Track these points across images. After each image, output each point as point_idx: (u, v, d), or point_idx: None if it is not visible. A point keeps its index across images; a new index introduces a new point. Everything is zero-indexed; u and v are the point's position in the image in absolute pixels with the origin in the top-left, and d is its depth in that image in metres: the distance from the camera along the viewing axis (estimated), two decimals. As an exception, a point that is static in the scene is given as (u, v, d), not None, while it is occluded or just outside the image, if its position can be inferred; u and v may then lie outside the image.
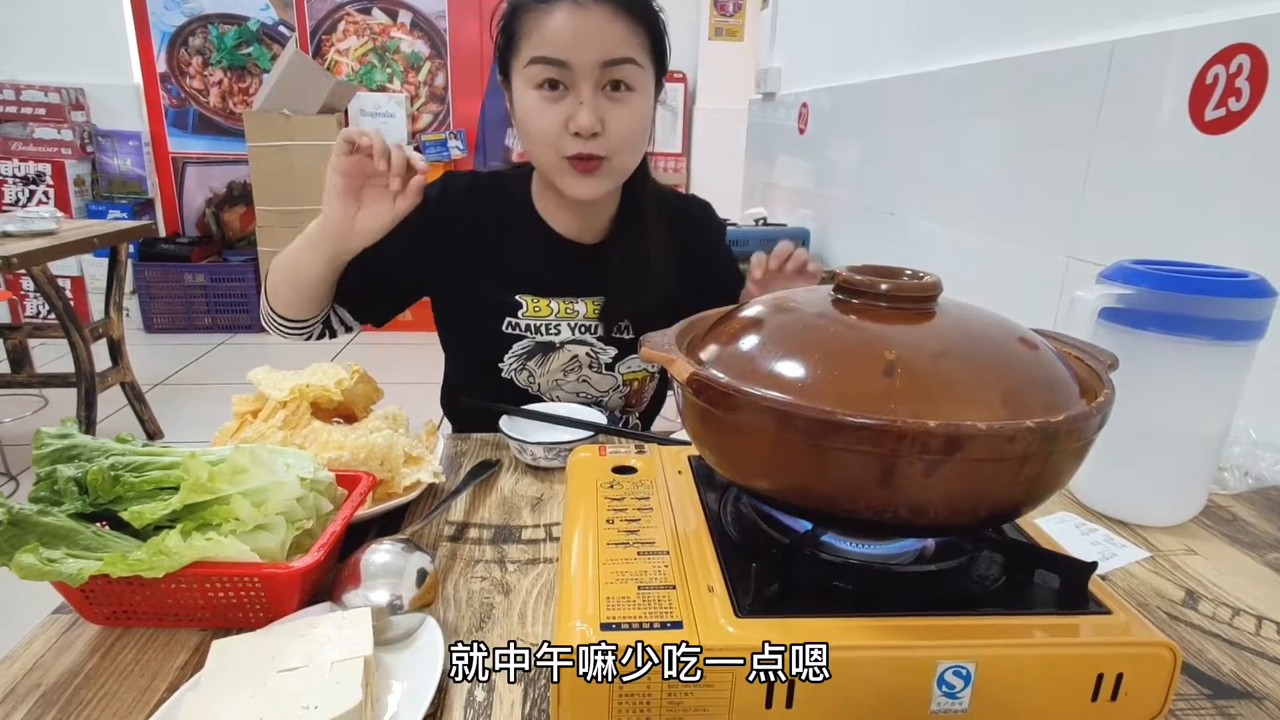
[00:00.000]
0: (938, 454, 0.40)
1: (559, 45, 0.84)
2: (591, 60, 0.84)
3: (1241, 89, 0.91)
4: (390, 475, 0.71)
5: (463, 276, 1.01)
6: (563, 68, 0.85)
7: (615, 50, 0.85)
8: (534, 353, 1.02)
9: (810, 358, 0.46)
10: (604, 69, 0.85)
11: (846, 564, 0.49)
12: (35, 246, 2.15)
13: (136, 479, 0.53)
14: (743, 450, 0.47)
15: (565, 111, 0.86)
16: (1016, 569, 0.49)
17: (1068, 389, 0.46)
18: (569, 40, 0.84)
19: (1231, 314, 0.66)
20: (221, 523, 0.52)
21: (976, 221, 1.54)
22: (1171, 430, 0.71)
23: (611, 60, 0.85)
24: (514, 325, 1.01)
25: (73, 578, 0.47)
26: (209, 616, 0.53)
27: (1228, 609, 0.62)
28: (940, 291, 0.50)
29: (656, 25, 0.89)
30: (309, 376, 0.74)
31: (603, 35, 0.84)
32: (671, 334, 0.55)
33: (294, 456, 0.58)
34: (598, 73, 0.85)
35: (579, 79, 0.85)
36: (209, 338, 4.01)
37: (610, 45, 0.85)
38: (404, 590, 0.55)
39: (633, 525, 0.53)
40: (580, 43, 0.84)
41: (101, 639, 0.54)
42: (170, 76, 4.12)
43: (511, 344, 1.01)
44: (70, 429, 0.57)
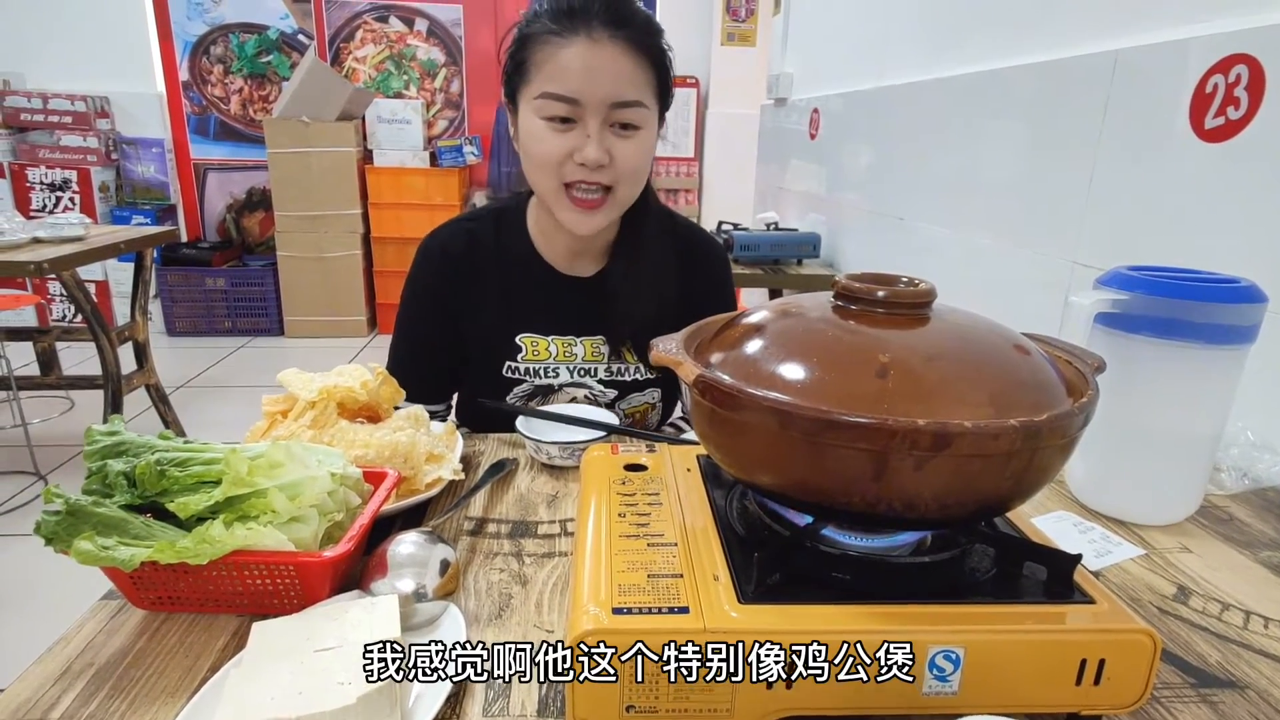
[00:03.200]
0: (927, 450, 0.43)
1: (572, 83, 0.86)
2: (602, 98, 0.87)
3: (1240, 98, 0.94)
4: (413, 472, 0.74)
5: (466, 324, 1.03)
6: (573, 104, 0.87)
7: (625, 93, 0.88)
8: (533, 395, 1.04)
9: (810, 360, 0.49)
10: (613, 110, 0.88)
11: (845, 556, 0.52)
12: (65, 252, 2.21)
13: (181, 473, 0.57)
14: (746, 447, 0.50)
15: (572, 142, 0.89)
16: (1007, 561, 0.52)
17: (1054, 390, 0.49)
18: (582, 77, 0.86)
19: (1223, 319, 0.68)
20: (259, 514, 0.55)
21: (984, 226, 1.56)
22: (1166, 432, 0.73)
23: (621, 103, 0.88)
24: (513, 369, 1.03)
25: (126, 563, 0.50)
26: (246, 603, 0.57)
27: (1217, 604, 0.64)
28: (934, 298, 0.53)
29: (664, 64, 0.92)
30: (336, 378, 0.77)
31: (615, 74, 0.87)
32: (680, 338, 0.58)
33: (325, 453, 0.62)
34: (606, 111, 0.88)
35: (588, 115, 0.88)
36: (229, 341, 4.09)
37: (621, 86, 0.87)
38: (428, 579, 0.58)
39: (643, 519, 0.56)
40: (592, 80, 0.86)
41: (148, 623, 0.58)
42: (192, 85, 4.21)
43: (512, 387, 1.03)
44: (119, 426, 0.60)
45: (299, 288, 4.05)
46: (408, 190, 4.04)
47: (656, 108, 0.93)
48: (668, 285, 1.04)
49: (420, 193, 4.05)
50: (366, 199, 4.03)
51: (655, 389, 1.10)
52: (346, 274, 4.05)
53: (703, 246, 1.11)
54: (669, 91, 0.95)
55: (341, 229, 3.97)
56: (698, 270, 1.09)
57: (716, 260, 1.13)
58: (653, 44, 0.90)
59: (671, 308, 1.01)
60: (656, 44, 0.91)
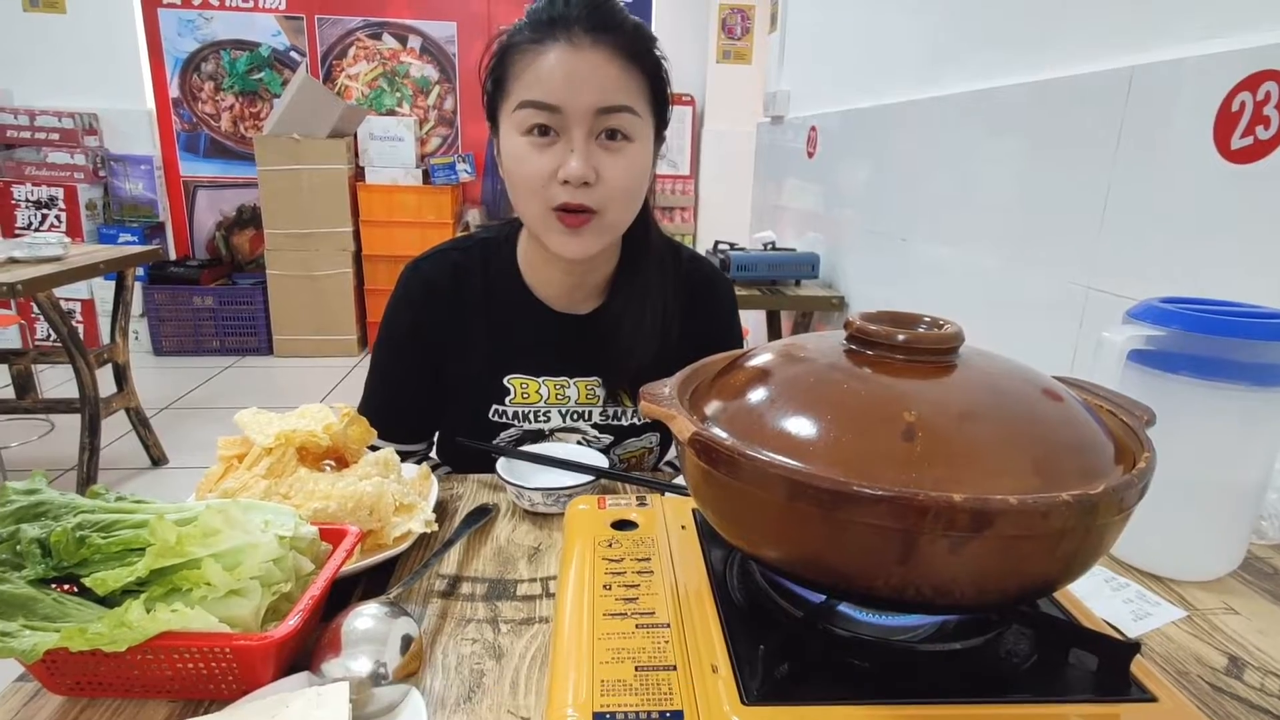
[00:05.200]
0: (964, 530, 0.36)
1: (550, 88, 0.78)
2: (585, 106, 0.78)
3: (1270, 117, 0.88)
4: (380, 525, 0.67)
5: (450, 363, 0.95)
6: (554, 113, 0.78)
7: (611, 97, 0.78)
8: (522, 440, 0.95)
9: (822, 417, 0.42)
10: (598, 116, 0.79)
11: (862, 640, 0.45)
12: (42, 272, 2.15)
13: (104, 540, 0.50)
14: (749, 517, 0.44)
15: (555, 159, 0.79)
16: (1049, 647, 0.45)
17: (1103, 451, 0.43)
18: (562, 83, 0.77)
19: (1271, 358, 0.62)
20: (191, 588, 0.48)
21: (990, 249, 1.50)
22: (1207, 479, 0.67)
23: (607, 107, 0.78)
24: (500, 413, 0.94)
25: (27, 654, 0.43)
26: (177, 688, 0.50)
27: (1275, 678, 0.57)
28: (961, 342, 0.47)
29: (658, 71, 0.83)
30: (296, 421, 0.70)
31: (599, 79, 0.78)
32: (674, 383, 0.52)
33: (273, 512, 0.55)
34: (591, 120, 0.79)
35: (571, 125, 0.79)
36: (217, 360, 4.01)
37: (606, 91, 0.78)
38: (388, 658, 0.51)
39: (631, 593, 0.49)
40: (574, 86, 0.77)
41: (66, 710, 0.51)
42: (183, 101, 4.16)
43: (499, 431, 0.95)
44: (39, 484, 0.54)
45: (289, 306, 3.98)
46: (400, 208, 3.98)
47: (651, 119, 0.83)
48: (671, 324, 0.95)
49: (413, 210, 3.99)
50: (358, 217, 3.98)
51: (653, 433, 1.02)
52: (337, 293, 3.98)
53: (709, 283, 1.02)
54: (666, 104, 0.85)
55: (332, 247, 3.91)
56: (704, 308, 1.00)
57: (724, 298, 1.03)
58: (642, 49, 0.81)
59: (674, 349, 0.93)
60: (647, 50, 0.81)
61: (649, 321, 0.93)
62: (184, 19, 4.06)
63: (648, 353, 0.92)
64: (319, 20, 4.14)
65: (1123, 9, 1.17)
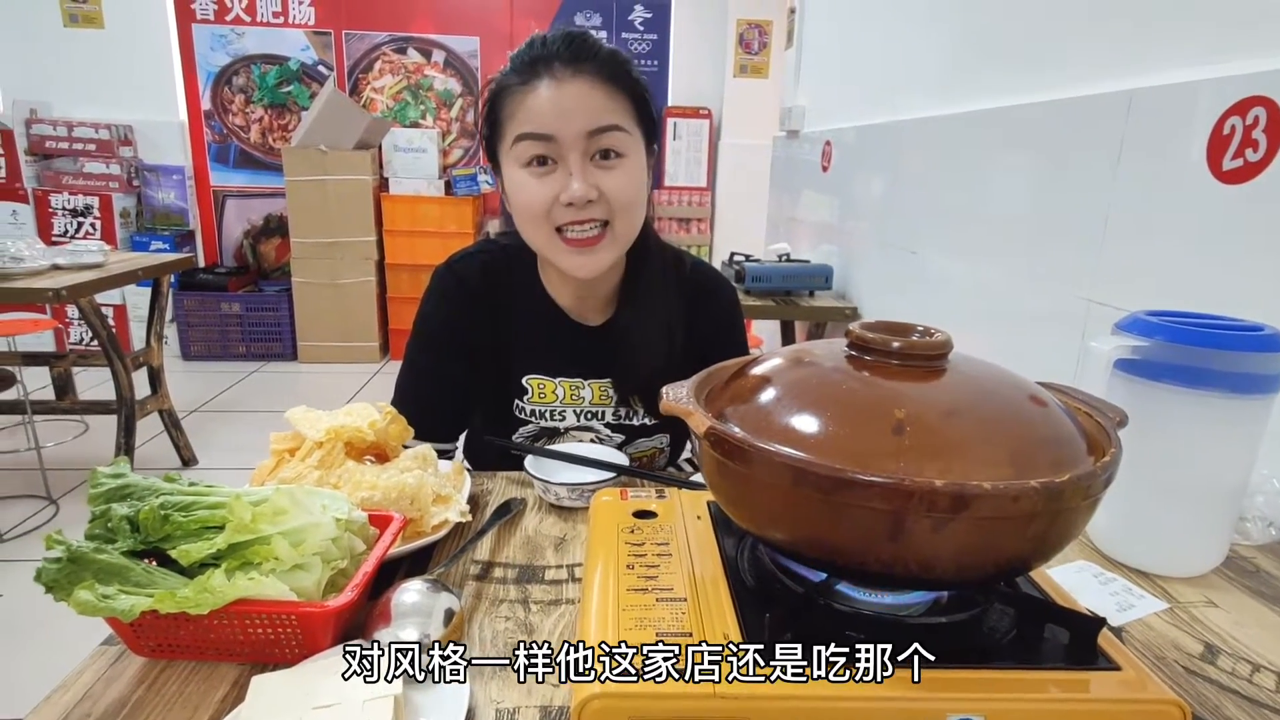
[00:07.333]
0: (945, 512, 0.42)
1: (542, 120, 0.84)
2: (576, 130, 0.84)
3: (1258, 140, 0.93)
4: (420, 514, 0.73)
5: (480, 359, 1.01)
6: (549, 142, 0.85)
7: (599, 118, 0.85)
8: (539, 437, 1.02)
9: (823, 414, 0.48)
10: (590, 138, 0.85)
11: (859, 614, 0.50)
12: (84, 279, 2.24)
13: (184, 518, 0.56)
14: (758, 502, 0.49)
15: (556, 185, 0.86)
16: (1027, 622, 0.50)
17: (1075, 446, 0.48)
18: (552, 113, 0.84)
19: (1248, 368, 0.67)
20: (262, 562, 0.55)
21: (997, 263, 1.55)
22: (1190, 482, 0.71)
23: (597, 129, 0.85)
24: (520, 409, 1.01)
25: (125, 613, 0.50)
26: (247, 651, 0.56)
27: (1247, 664, 0.62)
28: (950, 350, 0.52)
29: (639, 91, 0.89)
30: (344, 418, 0.77)
31: (585, 105, 0.85)
32: (690, 385, 0.57)
33: (330, 498, 0.61)
34: (585, 143, 0.85)
35: (566, 151, 0.85)
36: (243, 365, 4.11)
37: (594, 113, 0.85)
38: (432, 629, 0.57)
39: (652, 571, 0.55)
40: (563, 114, 0.84)
41: (147, 671, 0.57)
42: (214, 114, 4.29)
43: (518, 427, 1.02)
44: (123, 468, 0.60)
45: (313, 313, 4.08)
46: (422, 218, 4.08)
47: (640, 134, 0.90)
48: (676, 332, 1.01)
49: (435, 220, 4.08)
50: (381, 226, 4.07)
51: (663, 434, 1.08)
52: (360, 300, 4.08)
53: (711, 287, 1.08)
54: (651, 120, 0.92)
55: (356, 256, 4.01)
56: (707, 313, 1.06)
57: (726, 300, 1.09)
58: (621, 72, 0.87)
59: (679, 354, 0.99)
60: (625, 71, 0.88)
61: (655, 333, 0.99)
62: (217, 34, 4.19)
63: (654, 364, 0.97)
64: (346, 35, 4.26)
65: (1123, 34, 1.22)
